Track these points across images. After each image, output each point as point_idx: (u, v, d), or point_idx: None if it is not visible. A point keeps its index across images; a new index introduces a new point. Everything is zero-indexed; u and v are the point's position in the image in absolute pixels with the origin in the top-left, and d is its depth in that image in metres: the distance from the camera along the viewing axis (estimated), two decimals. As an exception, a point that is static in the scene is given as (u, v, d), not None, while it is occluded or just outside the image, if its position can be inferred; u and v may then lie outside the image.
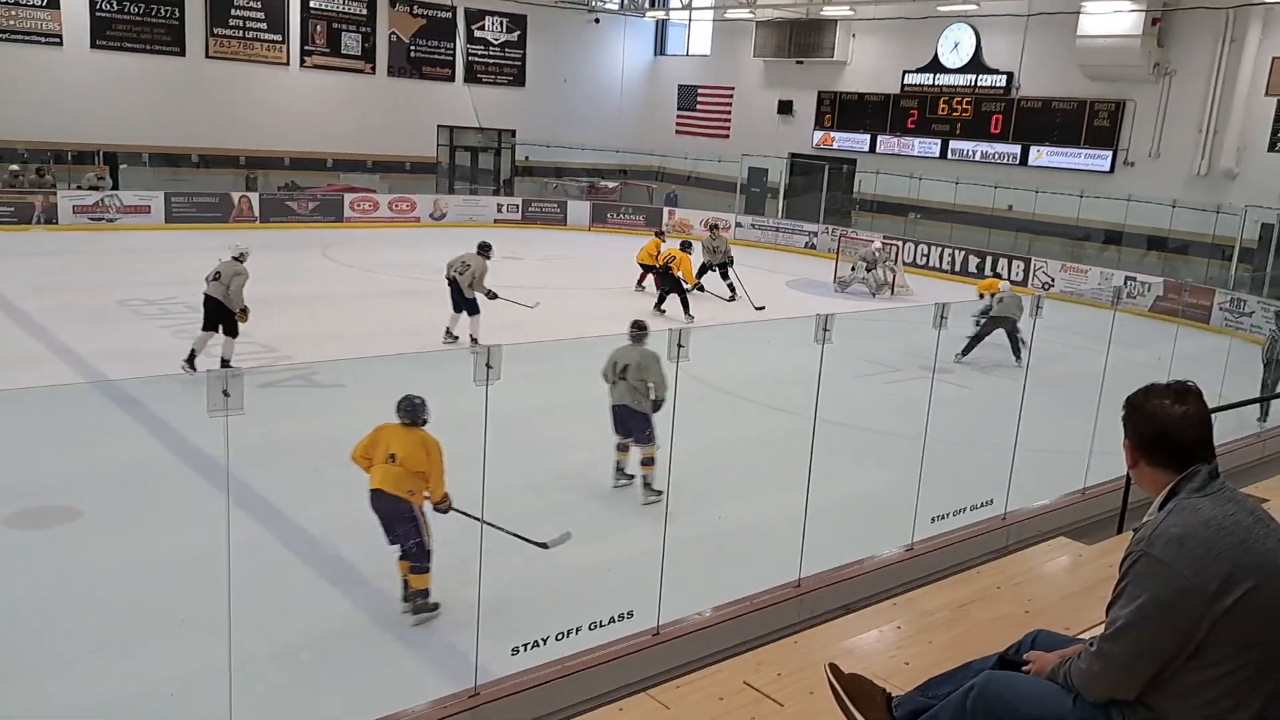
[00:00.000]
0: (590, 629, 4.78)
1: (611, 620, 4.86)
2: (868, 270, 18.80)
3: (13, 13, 20.79)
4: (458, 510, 5.63)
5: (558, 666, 4.53)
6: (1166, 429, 2.35)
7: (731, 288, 16.74)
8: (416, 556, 5.68)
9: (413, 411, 5.78)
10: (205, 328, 10.42)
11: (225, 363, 10.28)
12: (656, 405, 7.33)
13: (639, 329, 7.70)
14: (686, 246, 15.82)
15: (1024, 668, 2.63)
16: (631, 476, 7.70)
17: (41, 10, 21.10)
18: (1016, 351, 12.83)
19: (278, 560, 6.18)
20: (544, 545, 5.98)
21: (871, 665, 3.43)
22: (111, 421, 8.54)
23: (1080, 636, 3.09)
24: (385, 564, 6.30)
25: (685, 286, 15.26)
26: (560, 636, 4.69)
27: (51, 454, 7.94)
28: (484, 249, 12.64)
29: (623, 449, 7.75)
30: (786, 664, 3.59)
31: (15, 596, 5.78)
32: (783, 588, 5.42)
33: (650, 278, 16.04)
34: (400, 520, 5.66)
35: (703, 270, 16.94)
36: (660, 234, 16.93)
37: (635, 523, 7.19)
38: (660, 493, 7.21)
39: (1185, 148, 19.86)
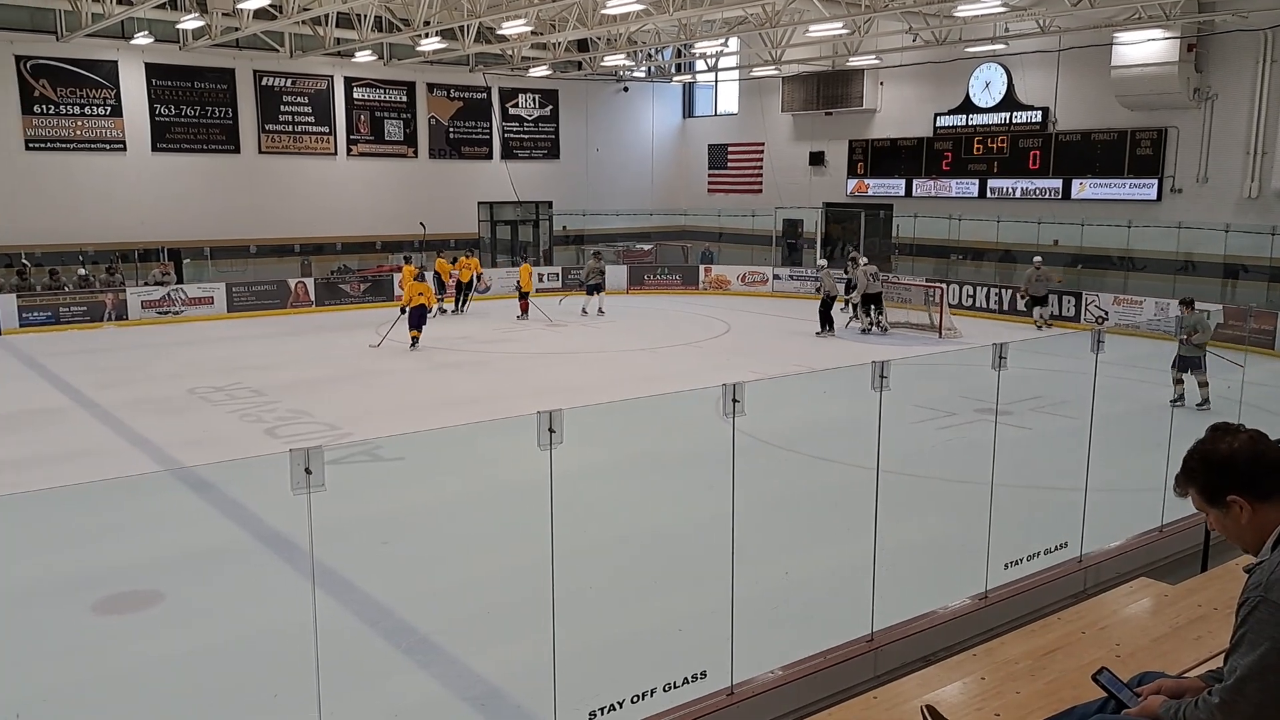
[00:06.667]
0: (665, 690, 4.73)
1: (685, 681, 4.81)
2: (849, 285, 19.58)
3: (80, 123, 21.98)
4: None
5: (636, 731, 4.51)
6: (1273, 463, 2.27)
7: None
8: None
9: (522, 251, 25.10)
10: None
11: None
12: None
13: (1188, 303, 12.92)
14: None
15: (1131, 708, 2.55)
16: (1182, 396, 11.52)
17: (106, 119, 22.25)
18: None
19: (355, 633, 6.26)
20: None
21: (960, 719, 3.37)
22: (187, 505, 8.79)
23: (1187, 674, 2.99)
24: (455, 634, 6.38)
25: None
26: (635, 699, 4.66)
27: (132, 540, 8.18)
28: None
29: (1178, 381, 11.72)
30: (869, 720, 3.53)
31: (108, 681, 5.92)
32: (855, 642, 5.33)
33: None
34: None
35: (868, 300, 19.54)
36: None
37: (702, 581, 7.15)
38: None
39: (1234, 171, 19.56)
